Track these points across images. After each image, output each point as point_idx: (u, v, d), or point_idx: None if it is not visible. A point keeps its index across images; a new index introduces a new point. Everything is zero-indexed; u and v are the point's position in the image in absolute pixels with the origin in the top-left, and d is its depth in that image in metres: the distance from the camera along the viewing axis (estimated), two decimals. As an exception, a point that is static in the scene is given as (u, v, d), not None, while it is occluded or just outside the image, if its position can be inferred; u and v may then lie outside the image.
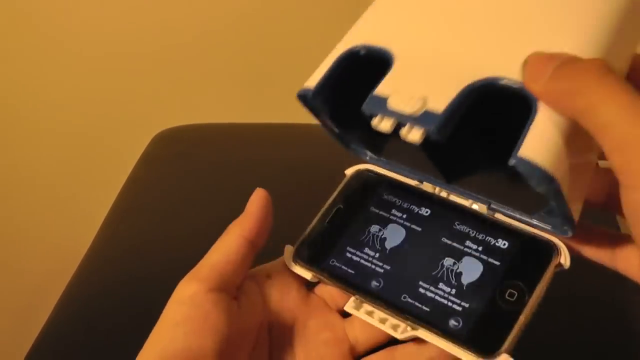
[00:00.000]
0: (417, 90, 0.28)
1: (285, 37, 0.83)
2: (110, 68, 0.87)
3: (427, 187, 0.35)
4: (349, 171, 0.37)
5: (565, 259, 0.30)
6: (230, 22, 0.83)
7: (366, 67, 0.31)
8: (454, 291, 0.31)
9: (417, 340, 0.31)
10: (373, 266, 0.33)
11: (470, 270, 0.31)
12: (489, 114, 0.34)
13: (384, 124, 0.28)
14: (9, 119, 0.93)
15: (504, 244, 0.31)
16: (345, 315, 0.34)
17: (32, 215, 1.01)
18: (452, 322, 0.30)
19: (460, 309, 0.30)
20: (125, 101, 0.89)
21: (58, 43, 0.86)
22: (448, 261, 0.32)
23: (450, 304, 0.30)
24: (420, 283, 0.32)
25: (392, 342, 0.32)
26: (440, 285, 0.31)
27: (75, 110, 0.91)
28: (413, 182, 0.35)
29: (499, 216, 0.33)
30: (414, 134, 0.27)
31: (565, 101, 0.24)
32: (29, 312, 0.85)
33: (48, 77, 0.89)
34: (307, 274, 0.34)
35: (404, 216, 0.34)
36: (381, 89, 0.29)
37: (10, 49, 0.87)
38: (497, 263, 0.31)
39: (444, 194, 0.35)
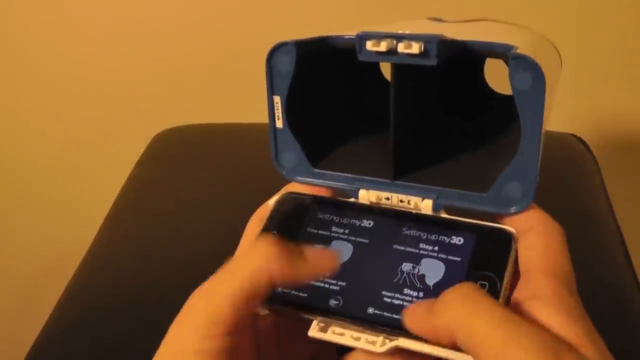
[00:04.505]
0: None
1: (285, 37, 0.83)
2: (111, 68, 0.87)
3: (362, 198, 0.34)
4: (272, 200, 0.35)
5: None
6: (231, 22, 0.83)
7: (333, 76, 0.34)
8: (421, 294, 0.30)
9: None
10: (326, 285, 0.31)
11: (433, 270, 0.30)
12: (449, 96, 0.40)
13: (381, 45, 0.29)
14: (9, 119, 0.93)
15: (459, 240, 0.31)
16: None
17: (32, 215, 1.01)
18: None
19: None
20: (126, 101, 0.89)
21: (58, 43, 0.86)
22: (406, 266, 0.31)
23: None
24: (384, 293, 0.30)
25: None
26: (406, 290, 0.30)
27: (76, 110, 0.91)
28: (347, 198, 0.35)
29: (445, 216, 0.32)
30: (413, 47, 0.29)
31: (443, 331, 0.25)
32: (29, 312, 0.85)
33: (48, 78, 0.89)
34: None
35: (347, 231, 0.33)
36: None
37: (11, 49, 0.87)
38: (458, 259, 0.30)
39: (384, 202, 0.34)
